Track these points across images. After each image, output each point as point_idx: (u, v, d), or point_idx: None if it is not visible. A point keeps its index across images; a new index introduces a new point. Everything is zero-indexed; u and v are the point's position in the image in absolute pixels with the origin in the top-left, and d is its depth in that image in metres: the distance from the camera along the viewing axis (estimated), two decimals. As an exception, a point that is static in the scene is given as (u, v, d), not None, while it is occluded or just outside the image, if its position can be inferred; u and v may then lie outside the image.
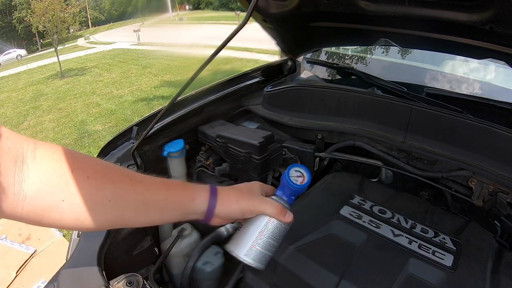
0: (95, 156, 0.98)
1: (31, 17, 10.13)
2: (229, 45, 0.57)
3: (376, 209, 0.77)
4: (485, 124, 0.79)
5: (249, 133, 0.98)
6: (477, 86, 1.25)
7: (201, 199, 0.51)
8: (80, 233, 0.74)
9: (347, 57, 1.66)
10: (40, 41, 32.15)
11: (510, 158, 0.75)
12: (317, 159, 1.00)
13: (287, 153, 0.99)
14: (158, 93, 7.14)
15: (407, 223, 0.73)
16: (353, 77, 1.36)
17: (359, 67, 1.53)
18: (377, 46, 1.52)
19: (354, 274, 0.61)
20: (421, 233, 0.70)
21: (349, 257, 0.64)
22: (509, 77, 1.22)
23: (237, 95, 1.26)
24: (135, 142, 0.95)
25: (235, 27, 0.54)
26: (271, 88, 1.17)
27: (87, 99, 7.42)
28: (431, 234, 0.70)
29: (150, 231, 0.84)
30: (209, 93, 1.18)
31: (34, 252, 2.15)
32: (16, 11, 29.18)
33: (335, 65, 1.46)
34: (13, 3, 29.96)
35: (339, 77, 1.46)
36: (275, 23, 1.21)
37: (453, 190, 0.84)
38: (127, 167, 0.89)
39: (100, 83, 8.94)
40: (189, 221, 0.94)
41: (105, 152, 0.97)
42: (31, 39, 32.45)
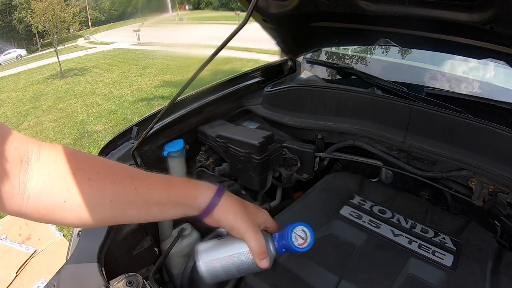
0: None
1: (31, 17, 10.14)
2: (229, 45, 0.57)
3: (376, 209, 0.77)
4: (485, 124, 0.79)
5: (249, 133, 0.98)
6: (477, 86, 1.25)
7: (203, 198, 0.52)
8: (80, 233, 0.74)
9: (347, 57, 1.66)
10: (40, 41, 32.16)
11: (510, 158, 0.75)
12: (317, 159, 1.00)
13: (287, 153, 0.99)
14: (158, 93, 7.14)
15: (407, 223, 0.73)
16: (353, 77, 1.36)
17: (359, 67, 1.53)
18: (377, 46, 1.52)
19: (354, 274, 0.61)
20: (421, 233, 0.70)
21: (349, 257, 0.64)
22: (509, 77, 1.22)
23: (237, 95, 1.26)
24: (135, 142, 0.95)
25: (235, 27, 0.54)
26: (271, 88, 1.17)
27: (87, 99, 7.42)
28: (431, 234, 0.70)
29: (150, 231, 0.84)
30: (209, 93, 1.18)
31: (34, 252, 2.15)
32: (16, 11, 29.17)
33: (335, 65, 1.46)
34: (13, 3, 29.95)
35: (339, 77, 1.46)
36: (275, 23, 1.21)
37: (453, 190, 0.84)
38: (127, 167, 0.89)
39: (100, 83, 8.95)
40: (189, 221, 0.94)
41: (105, 152, 0.97)
42: (31, 39, 32.47)
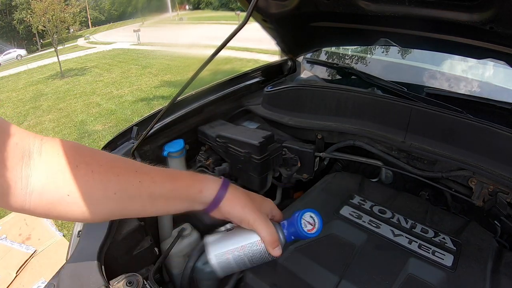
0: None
1: (31, 17, 10.14)
2: (229, 45, 0.57)
3: (376, 209, 0.77)
4: (485, 124, 0.79)
5: (249, 133, 0.98)
6: (477, 86, 1.25)
7: (209, 190, 0.51)
8: (80, 232, 0.74)
9: (347, 57, 1.66)
10: (40, 41, 32.17)
11: (510, 158, 0.75)
12: (317, 159, 1.00)
13: (287, 153, 0.99)
14: (158, 93, 7.14)
15: (407, 223, 0.73)
16: (353, 77, 1.36)
17: (359, 67, 1.53)
18: (377, 46, 1.52)
19: (354, 274, 0.61)
20: (421, 233, 0.70)
21: (349, 257, 0.64)
22: (509, 77, 1.22)
23: (237, 95, 1.26)
24: (135, 142, 0.95)
25: (235, 27, 0.54)
26: (271, 88, 1.17)
27: (87, 99, 7.43)
28: (431, 234, 0.70)
29: (150, 231, 0.84)
30: (209, 93, 1.18)
31: (34, 252, 2.15)
32: (16, 11, 29.15)
33: (335, 65, 1.46)
34: (13, 3, 29.95)
35: (339, 77, 1.46)
36: (275, 23, 1.21)
37: (453, 190, 0.84)
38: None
39: (100, 83, 8.95)
40: (189, 221, 0.94)
41: (105, 152, 0.97)
42: (31, 39, 32.47)
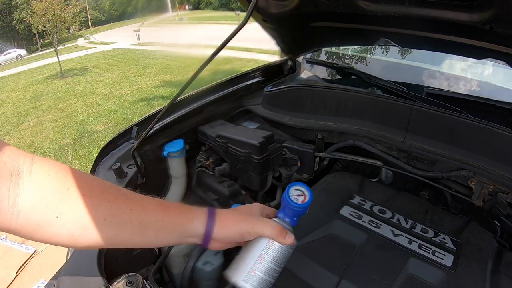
0: (95, 156, 0.98)
1: (31, 17, 10.14)
2: (229, 45, 0.57)
3: (376, 209, 0.77)
4: (485, 124, 0.79)
5: (249, 133, 0.98)
6: (477, 86, 1.25)
7: (198, 221, 0.49)
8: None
9: (347, 57, 1.66)
10: (40, 41, 32.16)
11: (510, 158, 0.75)
12: (317, 159, 1.00)
13: (287, 153, 0.99)
14: (158, 93, 7.14)
15: (407, 223, 0.73)
16: (353, 77, 1.36)
17: (359, 67, 1.53)
18: (377, 46, 1.52)
19: (354, 274, 0.61)
20: (421, 233, 0.70)
21: (349, 257, 0.65)
22: (509, 77, 1.22)
23: (237, 95, 1.26)
24: (135, 142, 0.95)
25: (235, 27, 0.54)
26: (271, 88, 1.17)
27: (87, 99, 7.42)
28: (431, 234, 0.70)
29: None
30: (209, 93, 1.18)
31: (34, 252, 2.15)
32: (16, 11, 29.15)
33: (335, 65, 1.46)
34: (13, 3, 29.94)
35: (339, 77, 1.46)
36: (275, 23, 1.21)
37: (453, 190, 0.84)
38: (127, 167, 0.89)
39: (100, 83, 8.95)
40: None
41: (105, 152, 0.97)
42: (31, 39, 32.46)
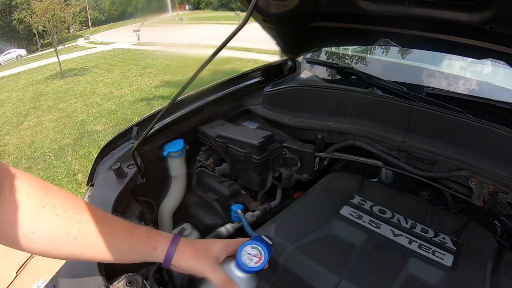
0: (95, 156, 0.98)
1: (31, 17, 10.13)
2: (229, 45, 0.57)
3: (376, 209, 0.77)
4: (485, 124, 0.79)
5: (249, 133, 0.98)
6: (477, 86, 1.25)
7: (161, 248, 0.54)
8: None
9: (347, 57, 1.66)
10: (40, 41, 32.15)
11: (510, 158, 0.75)
12: (317, 159, 1.00)
13: (287, 153, 0.99)
14: (158, 93, 7.14)
15: (407, 223, 0.73)
16: (353, 77, 1.36)
17: (359, 67, 1.52)
18: (377, 46, 1.52)
19: (354, 274, 0.61)
20: (421, 233, 0.70)
21: (349, 257, 0.64)
22: (509, 77, 1.22)
23: (237, 95, 1.26)
24: (135, 142, 0.95)
25: (235, 27, 0.54)
26: (271, 88, 1.17)
27: (87, 99, 7.42)
28: (431, 234, 0.70)
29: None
30: (209, 93, 1.18)
31: (34, 252, 2.15)
32: (16, 11, 29.13)
33: (335, 65, 1.46)
34: (13, 3, 29.93)
35: (339, 77, 1.45)
36: (275, 23, 1.21)
37: (453, 190, 0.84)
38: (127, 167, 0.89)
39: (100, 83, 8.95)
40: (189, 221, 0.94)
41: (105, 152, 0.97)
42: (31, 39, 32.44)
